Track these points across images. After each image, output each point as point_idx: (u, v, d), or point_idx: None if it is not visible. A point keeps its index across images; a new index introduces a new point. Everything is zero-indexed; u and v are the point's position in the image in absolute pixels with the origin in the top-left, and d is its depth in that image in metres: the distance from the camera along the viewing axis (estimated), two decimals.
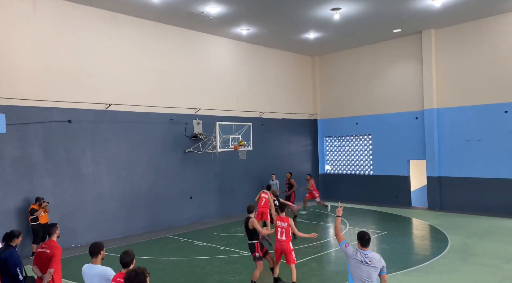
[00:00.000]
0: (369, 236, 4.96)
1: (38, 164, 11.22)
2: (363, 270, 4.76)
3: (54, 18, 11.70)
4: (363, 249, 4.87)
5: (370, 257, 4.80)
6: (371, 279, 4.77)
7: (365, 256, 4.80)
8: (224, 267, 9.18)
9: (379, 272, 4.81)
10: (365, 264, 4.76)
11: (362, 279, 4.77)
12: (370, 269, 4.76)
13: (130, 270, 3.85)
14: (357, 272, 4.80)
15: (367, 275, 4.76)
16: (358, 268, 4.79)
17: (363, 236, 4.94)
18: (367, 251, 4.87)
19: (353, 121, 19.18)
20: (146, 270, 3.86)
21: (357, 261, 4.80)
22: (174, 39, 14.69)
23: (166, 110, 14.23)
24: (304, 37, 16.76)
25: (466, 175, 15.61)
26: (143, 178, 13.53)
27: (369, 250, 4.89)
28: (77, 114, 12.02)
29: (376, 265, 4.79)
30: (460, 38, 15.69)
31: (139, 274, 3.74)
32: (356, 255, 4.84)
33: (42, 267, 5.36)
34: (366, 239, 4.90)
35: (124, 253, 4.45)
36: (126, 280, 3.75)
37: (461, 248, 10.26)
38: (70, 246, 11.44)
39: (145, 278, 3.78)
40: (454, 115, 15.86)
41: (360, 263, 4.78)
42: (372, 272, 4.76)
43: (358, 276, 4.79)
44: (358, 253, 4.86)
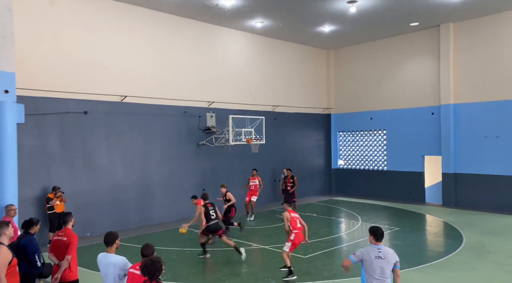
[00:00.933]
0: (382, 230, 4.91)
1: (55, 154, 11.44)
2: (377, 266, 4.68)
3: (71, 10, 11.84)
4: (376, 244, 4.81)
5: (383, 252, 4.74)
6: (385, 275, 4.70)
7: (379, 251, 4.74)
8: (236, 259, 9.24)
9: (392, 267, 4.74)
10: (379, 259, 4.69)
11: (376, 275, 4.68)
12: (384, 264, 4.69)
13: (146, 259, 3.92)
14: (371, 268, 4.71)
15: (381, 271, 4.68)
16: (372, 264, 4.70)
17: (377, 230, 4.88)
18: (380, 245, 4.80)
19: (367, 116, 18.97)
20: (161, 259, 3.93)
21: (370, 257, 4.72)
22: (189, 32, 14.71)
23: (180, 103, 14.31)
24: (319, 30, 16.59)
25: (482, 172, 15.32)
26: (157, 169, 13.67)
27: (382, 245, 4.82)
28: (93, 106, 12.19)
29: (390, 259, 4.73)
30: (479, 32, 15.31)
31: (156, 262, 3.82)
32: (369, 252, 4.77)
33: (59, 255, 5.48)
34: (380, 233, 4.85)
35: (146, 246, 4.54)
36: (143, 268, 3.82)
37: (476, 245, 10.10)
38: (85, 235, 11.67)
39: (161, 266, 3.85)
40: (472, 111, 15.54)
41: (374, 258, 4.70)
42: (386, 267, 4.69)
43: (372, 272, 4.70)
44: (370, 249, 4.79)
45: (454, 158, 15.99)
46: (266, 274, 8.12)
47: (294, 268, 8.41)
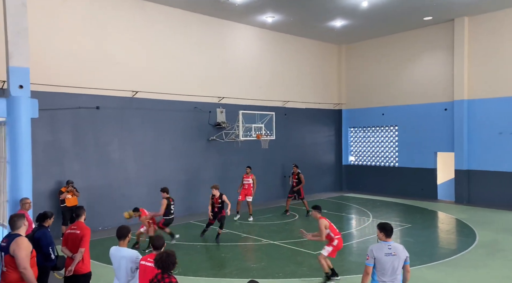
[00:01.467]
0: (391, 226, 4.89)
1: (67, 148, 11.60)
2: (387, 262, 4.65)
3: (83, 6, 11.93)
4: (386, 240, 4.78)
5: (393, 247, 4.72)
6: (396, 271, 4.67)
7: (389, 247, 4.71)
8: (245, 254, 9.28)
9: (403, 263, 4.73)
10: (390, 255, 4.66)
11: (387, 272, 4.65)
12: (395, 260, 4.66)
13: (161, 252, 3.96)
14: (382, 266, 4.67)
15: (392, 267, 4.65)
16: (383, 262, 4.66)
17: (387, 226, 4.85)
18: (390, 241, 4.78)
19: (379, 111, 18.77)
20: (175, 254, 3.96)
21: (381, 255, 4.67)
22: (200, 27, 14.72)
23: (190, 99, 14.35)
24: (331, 25, 16.43)
25: (496, 169, 15.06)
26: (168, 164, 13.76)
27: (392, 241, 4.80)
28: (105, 101, 12.30)
29: (401, 255, 4.70)
30: (495, 26, 14.98)
31: (171, 255, 3.86)
32: (379, 249, 4.72)
33: (72, 248, 5.56)
34: (390, 229, 4.82)
35: (157, 237, 4.58)
36: (158, 260, 3.85)
37: (490, 243, 9.95)
38: (97, 229, 11.83)
39: (175, 260, 3.89)
40: (486, 107, 15.26)
41: (385, 256, 4.67)
42: (396, 263, 4.67)
43: (383, 270, 4.66)
44: (380, 246, 4.75)
45: (468, 155, 15.75)
46: (275, 269, 8.13)
47: (304, 264, 8.41)
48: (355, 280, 7.55)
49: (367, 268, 4.76)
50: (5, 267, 4.52)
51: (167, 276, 3.84)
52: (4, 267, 4.54)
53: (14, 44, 7.74)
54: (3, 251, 4.55)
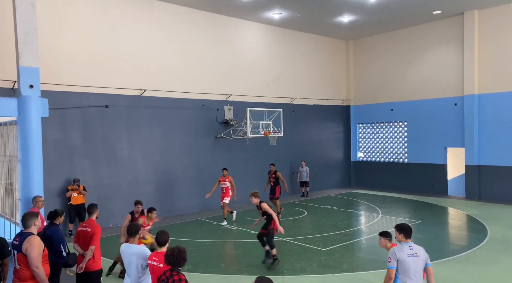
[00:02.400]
0: (410, 226, 4.73)
1: (77, 147, 11.73)
2: (410, 264, 4.45)
3: (92, 5, 12.01)
4: (406, 241, 4.60)
5: (415, 248, 4.56)
6: (419, 273, 4.48)
7: (410, 248, 4.53)
8: (255, 251, 9.30)
9: (424, 265, 4.55)
10: (412, 256, 4.48)
11: (411, 274, 4.44)
12: (417, 261, 4.47)
13: (172, 248, 3.96)
14: (404, 268, 4.45)
15: (414, 269, 4.46)
16: (406, 263, 4.45)
17: (406, 226, 4.67)
18: (410, 242, 4.60)
19: (388, 107, 18.62)
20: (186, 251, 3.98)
21: (404, 257, 4.46)
22: (207, 24, 14.72)
23: (198, 96, 14.39)
24: (338, 21, 16.31)
25: (508, 164, 14.85)
26: (176, 162, 13.84)
27: (411, 242, 4.63)
28: (114, 100, 12.39)
29: (422, 256, 4.53)
30: (506, 19, 14.73)
31: (182, 251, 3.87)
32: (401, 251, 4.50)
33: (83, 245, 5.64)
34: (408, 229, 4.65)
35: (161, 232, 4.60)
36: (169, 256, 3.86)
37: (502, 239, 9.84)
38: (108, 226, 11.96)
39: (186, 257, 3.90)
40: (497, 101, 15.03)
41: (407, 257, 4.46)
42: (419, 265, 4.49)
43: (406, 272, 4.44)
44: (401, 247, 4.54)
45: (478, 150, 15.55)
46: (285, 266, 8.14)
47: (313, 261, 8.40)
48: (365, 276, 7.53)
49: (390, 271, 4.50)
50: (18, 265, 4.59)
51: (176, 273, 3.84)
52: (17, 265, 4.61)
53: (24, 44, 7.83)
54: (16, 249, 4.62)
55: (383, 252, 9.10)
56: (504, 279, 7.27)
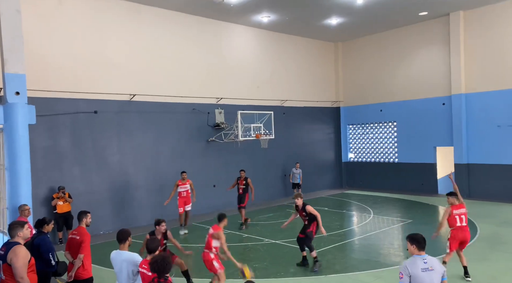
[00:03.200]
0: (423, 237, 4.27)
1: (66, 153, 11.60)
2: (424, 279, 4.02)
3: (79, 10, 11.94)
4: (420, 254, 4.18)
5: (429, 262, 4.13)
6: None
7: (424, 261, 4.10)
8: (247, 254, 9.29)
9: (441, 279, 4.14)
10: (427, 271, 4.05)
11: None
12: (432, 275, 4.05)
13: (156, 255, 3.95)
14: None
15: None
16: (420, 279, 4.03)
17: (419, 237, 4.22)
18: (424, 255, 4.18)
19: (377, 108, 18.78)
20: (171, 256, 3.96)
21: (417, 271, 4.05)
22: (196, 28, 14.72)
23: (189, 100, 14.36)
24: (327, 23, 16.43)
25: (496, 162, 15.07)
26: (168, 166, 13.77)
27: (426, 254, 4.22)
28: (103, 105, 12.30)
29: (438, 269, 4.12)
30: (490, 19, 14.99)
31: (166, 258, 3.84)
32: (414, 265, 4.10)
33: (73, 253, 5.58)
34: (422, 240, 4.20)
35: (151, 239, 4.57)
36: (153, 264, 3.84)
37: (491, 236, 9.97)
38: (99, 233, 11.84)
39: (170, 264, 3.88)
40: (484, 100, 15.26)
41: (421, 272, 4.05)
42: (434, 280, 4.06)
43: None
44: (414, 261, 4.13)
45: (467, 148, 15.76)
46: (278, 269, 8.14)
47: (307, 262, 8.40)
48: (357, 277, 7.56)
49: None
50: (4, 275, 4.52)
51: (163, 280, 3.82)
52: (3, 275, 4.54)
53: (10, 51, 7.74)
54: (1, 259, 4.54)
55: (375, 252, 9.18)
56: (494, 275, 7.36)
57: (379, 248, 9.50)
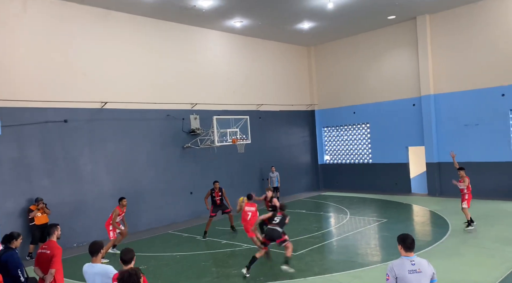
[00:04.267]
0: (413, 238, 4.19)
1: (36, 164, 11.19)
2: (411, 281, 3.94)
3: (45, 17, 11.59)
4: (407, 255, 4.11)
5: (417, 263, 4.04)
6: None
7: (412, 263, 4.02)
8: (226, 260, 9.22)
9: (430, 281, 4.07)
10: (414, 273, 3.97)
11: None
12: (421, 277, 3.97)
13: (123, 271, 3.84)
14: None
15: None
16: (406, 281, 3.96)
17: (407, 238, 4.14)
18: (413, 256, 4.10)
19: (350, 110, 19.14)
20: (139, 270, 3.87)
21: (404, 273, 3.98)
22: (168, 34, 14.58)
23: (162, 107, 14.18)
24: (299, 28, 16.65)
25: (465, 160, 15.58)
26: (143, 175, 13.52)
27: (414, 255, 4.14)
28: (73, 114, 11.96)
29: (426, 271, 4.03)
30: (455, 22, 15.60)
31: (133, 275, 3.75)
32: (401, 266, 4.03)
33: (43, 268, 5.36)
34: (410, 241, 4.12)
35: (126, 250, 4.45)
36: (120, 280, 3.74)
37: (462, 232, 10.31)
38: (72, 246, 11.46)
39: (138, 279, 3.78)
40: (451, 100, 15.83)
41: (408, 274, 3.97)
42: (423, 282, 3.99)
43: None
44: (401, 262, 4.07)
45: (437, 148, 16.28)
46: (257, 274, 8.11)
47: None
48: (336, 278, 7.63)
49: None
50: None
51: None
52: None
53: None
54: None
55: (352, 252, 9.31)
56: (466, 270, 7.60)
57: (356, 248, 9.64)
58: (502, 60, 14.49)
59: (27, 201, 10.86)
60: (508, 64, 14.36)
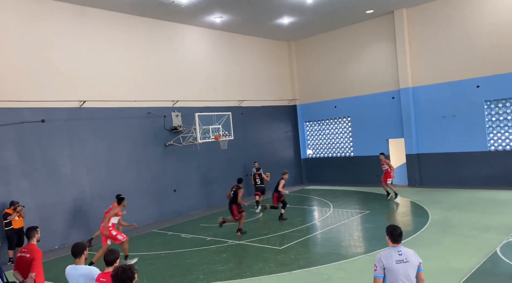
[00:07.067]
0: (401, 230, 4.22)
1: (12, 166, 10.88)
2: (399, 271, 4.03)
3: (19, 14, 11.22)
4: (395, 246, 4.17)
5: (404, 253, 4.12)
6: (409, 281, 4.07)
7: (399, 253, 4.10)
8: (212, 257, 9.22)
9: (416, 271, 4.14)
10: (402, 263, 4.05)
11: (398, 282, 4.04)
12: (408, 267, 4.06)
13: (117, 267, 3.80)
14: (393, 275, 4.05)
15: (405, 277, 4.04)
16: (395, 271, 4.04)
17: (394, 230, 4.20)
18: (400, 246, 4.17)
19: (331, 104, 19.32)
20: (133, 267, 3.82)
21: (391, 263, 4.06)
22: (147, 30, 14.35)
23: (143, 104, 13.98)
24: (279, 23, 16.65)
25: (443, 151, 16.04)
26: (124, 174, 13.33)
27: (401, 246, 4.20)
28: (51, 113, 11.67)
29: (413, 261, 4.12)
30: (431, 16, 15.91)
31: (127, 270, 3.71)
32: (388, 257, 4.10)
33: (23, 272, 5.23)
34: (398, 233, 4.17)
35: (109, 251, 4.39)
36: (114, 276, 3.71)
37: (442, 221, 10.59)
38: (54, 248, 11.23)
39: (133, 274, 3.75)
40: (429, 93, 16.19)
41: (395, 264, 4.05)
42: (410, 272, 4.06)
43: (394, 279, 4.04)
44: (389, 253, 4.14)
45: (416, 139, 16.63)
46: (243, 269, 8.15)
47: (270, 260, 8.50)
48: (321, 270, 7.73)
49: (376, 281, 4.10)
50: None
51: None
52: None
53: None
54: None
55: (336, 245, 9.44)
56: (447, 258, 7.82)
57: (340, 241, 9.79)
58: (476, 53, 14.89)
59: (2, 204, 10.53)
60: (482, 56, 14.76)
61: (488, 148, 14.96)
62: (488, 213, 11.03)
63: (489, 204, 12.11)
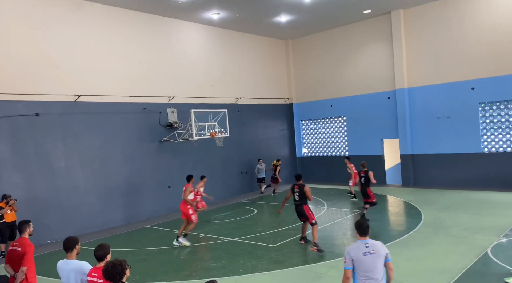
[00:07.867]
0: (367, 224, 4.55)
1: (5, 160, 10.80)
2: (367, 262, 4.28)
3: (15, 7, 11.11)
4: (362, 239, 4.44)
5: (371, 245, 4.37)
6: (376, 270, 4.29)
7: (366, 245, 4.36)
8: (205, 254, 9.22)
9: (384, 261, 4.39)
10: (369, 254, 4.31)
11: (368, 273, 4.27)
12: (374, 258, 4.31)
13: (108, 262, 3.79)
14: (361, 266, 4.29)
15: (372, 266, 4.28)
16: (363, 262, 4.29)
17: (361, 224, 4.50)
18: (367, 239, 4.42)
19: (327, 104, 19.35)
20: (125, 262, 3.81)
21: (359, 255, 4.31)
22: (144, 26, 14.27)
23: (139, 100, 13.92)
24: (276, 21, 16.63)
25: (437, 151, 16.13)
26: (119, 169, 13.28)
27: (369, 239, 4.44)
28: (45, 107, 11.59)
29: (380, 252, 4.36)
30: (428, 17, 15.96)
31: (117, 265, 3.70)
32: (356, 249, 4.37)
33: (14, 266, 5.21)
34: (364, 227, 4.46)
35: (99, 246, 4.37)
36: (104, 271, 3.70)
37: (434, 221, 10.66)
38: (46, 242, 11.18)
39: (123, 269, 3.74)
40: (424, 94, 16.26)
41: (363, 255, 4.31)
42: (377, 262, 4.31)
43: (363, 270, 4.28)
44: (356, 246, 4.42)
45: (411, 140, 16.71)
46: (236, 266, 8.16)
47: (264, 258, 8.51)
48: (314, 268, 7.76)
49: (346, 272, 4.36)
50: None
51: None
52: None
53: None
54: None
55: (329, 243, 9.48)
56: (439, 257, 7.88)
57: (333, 239, 9.83)
58: (472, 55, 14.97)
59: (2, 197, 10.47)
60: (477, 58, 14.85)
61: (482, 149, 15.07)
62: (480, 214, 11.12)
63: (481, 205, 12.21)
